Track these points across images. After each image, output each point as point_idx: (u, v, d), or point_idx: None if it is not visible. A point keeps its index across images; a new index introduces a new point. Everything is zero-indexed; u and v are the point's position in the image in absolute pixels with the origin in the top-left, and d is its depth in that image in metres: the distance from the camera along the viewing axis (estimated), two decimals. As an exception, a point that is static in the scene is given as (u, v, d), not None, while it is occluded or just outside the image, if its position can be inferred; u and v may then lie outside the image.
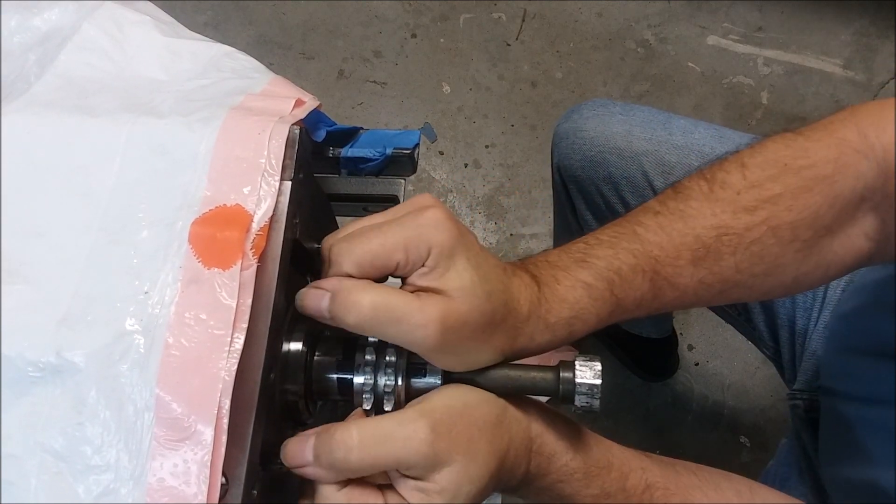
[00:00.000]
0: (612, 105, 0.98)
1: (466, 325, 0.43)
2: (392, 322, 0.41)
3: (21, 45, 0.54)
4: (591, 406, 0.61)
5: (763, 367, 1.54)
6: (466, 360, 0.46)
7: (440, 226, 0.43)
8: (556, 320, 0.49)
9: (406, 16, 1.89)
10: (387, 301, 0.41)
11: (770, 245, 0.51)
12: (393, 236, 0.42)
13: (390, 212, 0.46)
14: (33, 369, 0.41)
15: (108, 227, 0.45)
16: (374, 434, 0.41)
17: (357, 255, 0.43)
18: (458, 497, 0.42)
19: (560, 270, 0.50)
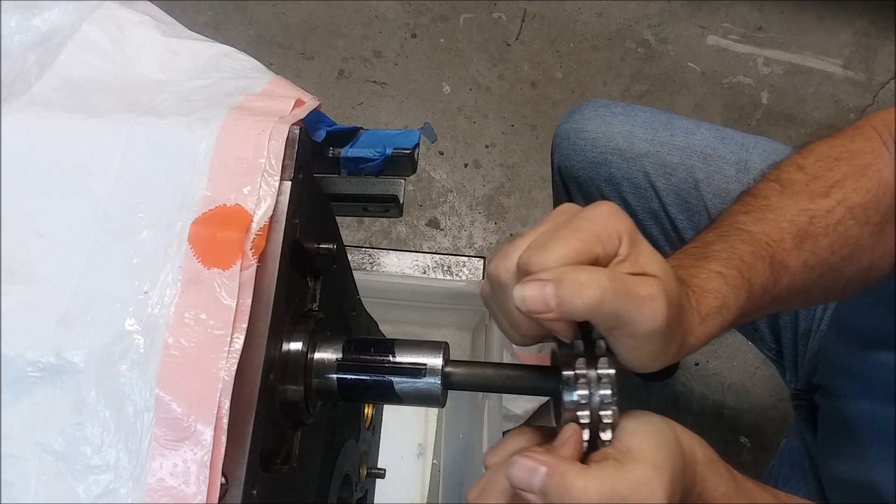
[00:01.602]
0: (613, 106, 0.97)
1: (674, 304, 0.41)
2: (625, 296, 0.38)
3: (21, 45, 0.54)
4: (591, 406, 0.61)
5: (763, 367, 1.54)
6: (666, 352, 0.43)
7: (620, 214, 0.41)
8: (707, 311, 0.48)
9: (406, 16, 1.88)
10: (615, 275, 0.39)
11: (851, 226, 0.56)
12: (586, 232, 0.41)
13: (556, 216, 0.44)
14: (33, 369, 0.41)
15: (108, 227, 0.45)
16: (611, 497, 0.38)
17: (561, 256, 0.40)
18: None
19: (690, 267, 0.51)
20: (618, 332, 0.41)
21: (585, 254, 0.40)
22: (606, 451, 0.42)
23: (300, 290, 0.55)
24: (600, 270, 0.39)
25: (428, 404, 0.57)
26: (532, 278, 0.40)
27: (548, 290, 0.39)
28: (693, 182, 0.89)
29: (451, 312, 1.36)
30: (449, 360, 0.56)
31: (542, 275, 0.40)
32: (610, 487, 0.38)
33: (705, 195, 0.89)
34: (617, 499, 0.38)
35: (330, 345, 0.54)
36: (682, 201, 0.90)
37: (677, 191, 0.90)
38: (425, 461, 1.28)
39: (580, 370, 0.44)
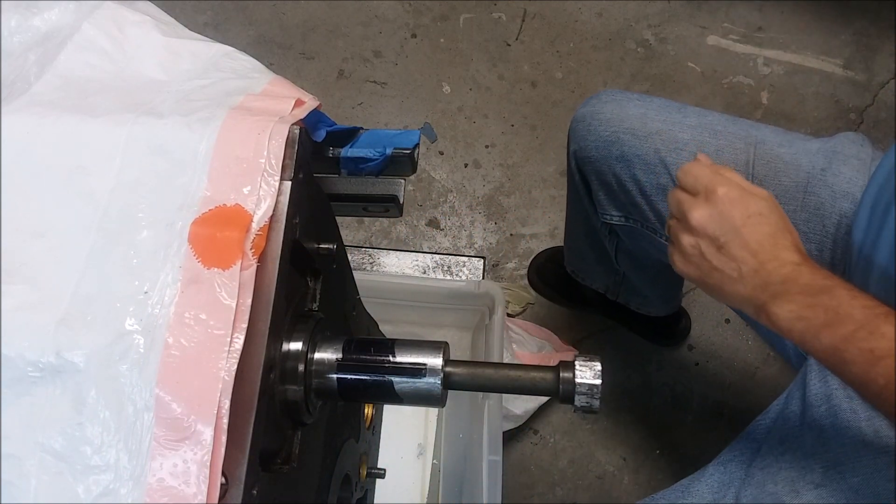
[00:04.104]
0: (629, 94, 1.01)
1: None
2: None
3: (21, 45, 0.54)
4: (591, 406, 0.61)
5: (763, 367, 1.55)
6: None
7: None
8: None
9: (406, 16, 1.88)
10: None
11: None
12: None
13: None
14: (33, 369, 0.41)
15: (108, 227, 0.45)
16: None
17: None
18: None
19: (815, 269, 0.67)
20: None
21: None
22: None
23: (300, 290, 0.55)
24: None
25: (428, 404, 0.57)
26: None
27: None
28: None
29: (451, 312, 1.36)
30: (449, 360, 0.56)
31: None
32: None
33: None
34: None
35: (330, 345, 0.54)
36: None
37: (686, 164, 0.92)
38: (425, 461, 1.28)
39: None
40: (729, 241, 0.66)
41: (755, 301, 0.65)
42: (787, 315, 0.63)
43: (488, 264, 1.60)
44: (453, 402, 1.28)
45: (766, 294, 0.64)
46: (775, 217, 0.67)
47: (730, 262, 0.66)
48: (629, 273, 1.24)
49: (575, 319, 1.58)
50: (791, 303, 0.62)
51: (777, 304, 0.63)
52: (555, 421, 1.49)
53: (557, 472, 1.45)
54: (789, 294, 0.63)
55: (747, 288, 0.66)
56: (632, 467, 1.46)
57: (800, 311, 0.62)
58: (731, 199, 0.67)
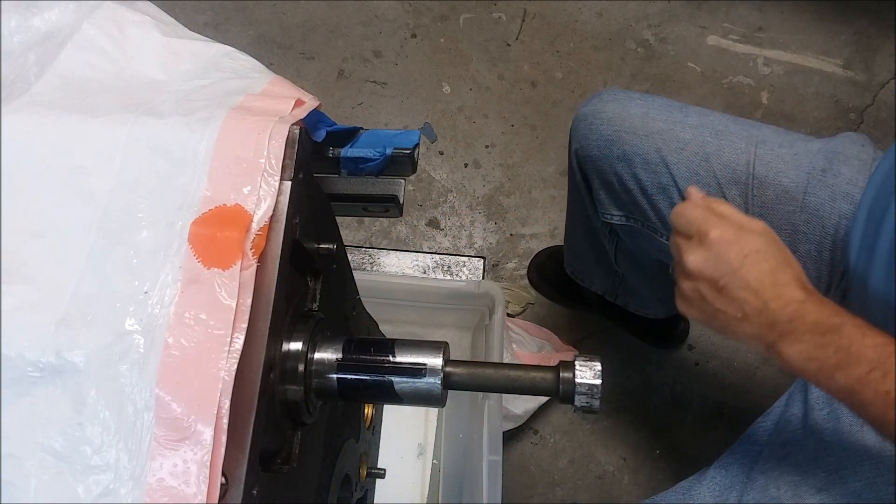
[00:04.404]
0: (631, 93, 1.01)
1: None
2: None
3: (21, 45, 0.54)
4: (591, 406, 0.61)
5: (763, 367, 1.55)
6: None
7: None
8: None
9: (406, 16, 1.88)
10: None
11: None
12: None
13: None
14: (33, 369, 0.41)
15: (108, 227, 0.45)
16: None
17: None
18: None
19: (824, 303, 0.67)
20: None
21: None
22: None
23: (300, 290, 0.55)
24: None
25: (428, 404, 0.57)
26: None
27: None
28: (703, 155, 0.92)
29: (451, 312, 1.36)
30: (449, 360, 0.56)
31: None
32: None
33: (715, 167, 0.91)
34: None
35: (330, 345, 0.54)
36: (693, 174, 0.92)
37: (688, 164, 0.92)
38: (425, 461, 1.28)
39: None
40: (728, 282, 0.65)
41: (764, 340, 0.64)
42: (797, 356, 0.62)
43: (488, 264, 1.60)
44: (453, 402, 1.28)
45: (775, 333, 0.63)
46: (773, 252, 0.66)
47: (732, 304, 0.65)
48: (628, 274, 1.24)
49: (575, 319, 1.58)
50: (800, 343, 0.62)
51: (786, 343, 0.62)
52: (555, 421, 1.48)
53: (557, 472, 1.45)
54: (797, 333, 0.62)
55: (754, 327, 0.65)
56: (632, 467, 1.46)
57: (810, 352, 0.61)
58: (725, 240, 0.66)
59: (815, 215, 0.86)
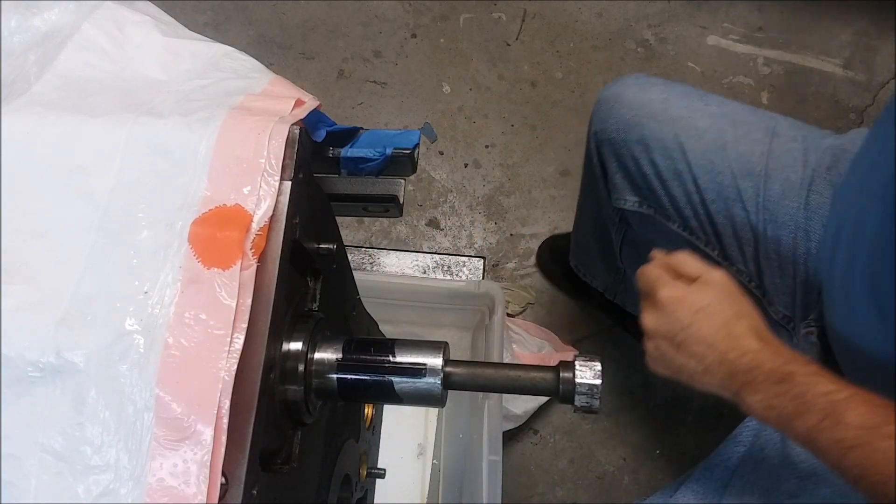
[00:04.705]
0: (654, 78, 1.02)
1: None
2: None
3: (21, 45, 0.54)
4: (591, 406, 0.61)
5: (763, 367, 1.55)
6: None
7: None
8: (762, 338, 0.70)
9: (406, 16, 1.88)
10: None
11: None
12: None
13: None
14: (33, 369, 0.41)
15: (108, 227, 0.45)
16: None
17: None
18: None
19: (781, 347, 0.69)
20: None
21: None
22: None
23: (300, 290, 0.55)
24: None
25: (428, 404, 0.57)
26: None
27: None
28: (721, 144, 0.93)
29: (451, 312, 1.36)
30: (449, 360, 0.56)
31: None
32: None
33: (731, 157, 0.92)
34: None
35: (330, 345, 0.54)
36: (708, 162, 0.93)
37: (704, 152, 0.93)
38: (425, 461, 1.28)
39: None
40: (683, 339, 0.68)
41: (728, 390, 0.67)
42: (758, 405, 0.64)
43: (488, 264, 1.60)
44: (453, 402, 1.28)
45: (736, 383, 0.65)
46: (725, 305, 0.68)
47: (692, 358, 0.68)
48: (630, 271, 1.24)
49: (575, 319, 1.58)
50: (759, 392, 0.64)
51: (747, 393, 0.64)
52: (555, 421, 1.48)
53: (557, 472, 1.45)
54: (756, 383, 0.64)
55: (717, 378, 0.67)
56: (632, 467, 1.46)
57: (769, 401, 0.63)
58: (674, 299, 0.69)
59: (817, 213, 0.87)
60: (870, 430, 0.57)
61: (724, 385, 0.67)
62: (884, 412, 0.58)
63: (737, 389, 0.66)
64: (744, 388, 0.65)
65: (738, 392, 0.65)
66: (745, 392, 0.65)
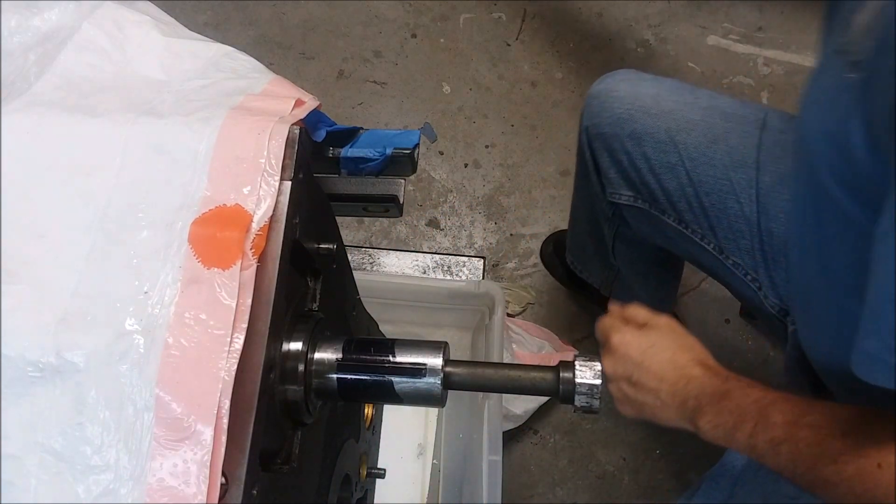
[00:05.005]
0: (643, 74, 1.04)
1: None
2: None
3: (21, 45, 0.54)
4: (591, 406, 0.61)
5: (763, 366, 1.55)
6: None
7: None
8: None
9: (406, 16, 1.88)
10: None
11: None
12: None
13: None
14: (33, 369, 0.41)
15: (108, 227, 0.45)
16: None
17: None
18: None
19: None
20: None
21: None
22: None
23: (300, 290, 0.55)
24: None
25: (428, 404, 0.57)
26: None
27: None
28: (712, 137, 0.94)
29: (451, 312, 1.36)
30: (449, 360, 0.56)
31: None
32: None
33: (723, 150, 0.93)
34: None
35: (330, 345, 0.54)
36: (701, 155, 0.94)
37: (696, 145, 0.94)
38: (425, 461, 1.28)
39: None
40: (638, 377, 0.72)
41: (686, 420, 0.70)
42: (707, 426, 0.67)
43: (488, 264, 1.60)
44: (453, 402, 1.28)
45: (689, 411, 0.69)
46: (669, 342, 0.73)
47: (649, 394, 0.72)
48: (623, 268, 1.25)
49: (575, 319, 1.58)
50: (707, 414, 0.67)
51: (699, 418, 0.68)
52: (555, 421, 1.48)
53: (557, 472, 1.45)
54: (703, 407, 0.68)
55: (673, 411, 0.71)
56: (632, 467, 1.46)
57: (714, 420, 0.66)
58: (624, 342, 0.74)
59: None
60: (792, 423, 0.61)
61: (680, 415, 0.70)
62: (805, 405, 0.62)
63: (690, 416, 0.69)
64: (695, 415, 0.68)
65: (692, 419, 0.69)
66: (696, 418, 0.68)
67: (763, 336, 1.57)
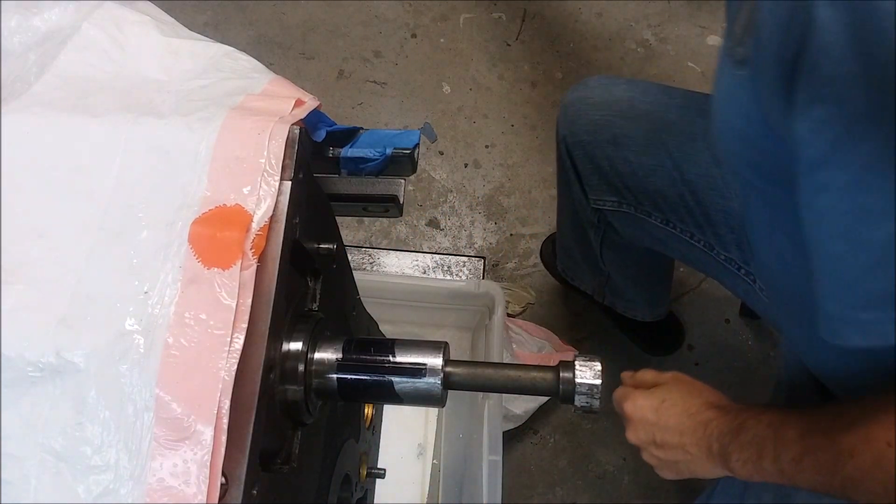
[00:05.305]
0: (616, 78, 1.04)
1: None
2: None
3: (21, 45, 0.54)
4: (591, 406, 0.61)
5: (762, 366, 1.54)
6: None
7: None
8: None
9: (406, 16, 1.89)
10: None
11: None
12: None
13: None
14: (33, 369, 0.41)
15: (108, 227, 0.45)
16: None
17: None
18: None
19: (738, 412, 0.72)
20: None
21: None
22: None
23: (300, 290, 0.55)
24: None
25: (428, 404, 0.57)
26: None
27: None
28: (691, 135, 0.94)
29: (451, 312, 1.36)
30: (449, 360, 0.56)
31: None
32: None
33: (702, 146, 0.93)
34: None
35: (330, 345, 0.54)
36: (681, 153, 0.94)
37: (676, 144, 0.94)
38: (425, 461, 1.28)
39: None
40: (660, 437, 0.73)
41: (720, 466, 0.70)
42: (737, 466, 0.67)
43: (488, 264, 1.60)
44: (453, 402, 1.28)
45: (717, 456, 0.69)
46: (677, 394, 0.74)
47: (677, 450, 0.73)
48: (613, 273, 1.25)
49: (575, 319, 1.58)
50: (732, 453, 0.67)
51: (728, 460, 0.68)
52: (555, 421, 1.48)
53: (557, 472, 1.45)
54: (726, 447, 0.68)
55: (704, 461, 0.71)
56: (632, 467, 1.46)
57: (741, 456, 0.66)
58: (637, 406, 0.76)
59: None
60: (806, 434, 0.61)
61: (712, 461, 0.70)
62: (813, 413, 0.63)
63: (721, 461, 0.69)
64: (723, 457, 0.68)
65: (724, 463, 0.69)
66: (726, 460, 0.68)
67: (763, 335, 1.57)
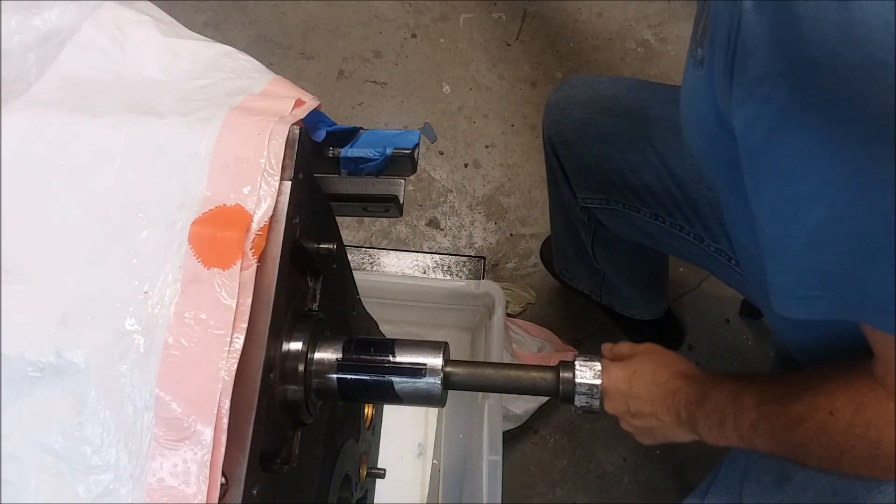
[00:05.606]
0: (598, 77, 1.05)
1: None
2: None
3: (21, 44, 0.54)
4: (591, 406, 0.61)
5: (763, 367, 1.54)
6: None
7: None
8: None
9: (406, 16, 1.88)
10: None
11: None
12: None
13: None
14: (33, 369, 0.41)
15: (108, 227, 0.45)
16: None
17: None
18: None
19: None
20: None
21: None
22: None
23: (300, 290, 0.55)
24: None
25: (428, 404, 0.57)
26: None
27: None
28: (674, 129, 0.94)
29: (451, 312, 1.36)
30: (449, 359, 0.56)
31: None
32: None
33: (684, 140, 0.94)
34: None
35: (330, 345, 0.54)
36: (666, 148, 0.95)
37: (660, 139, 0.95)
38: (425, 461, 1.28)
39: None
40: (634, 406, 0.74)
41: (689, 430, 0.72)
42: (704, 431, 0.69)
43: (488, 264, 1.60)
44: (453, 402, 1.28)
45: (686, 423, 0.71)
46: (648, 365, 0.76)
47: (651, 418, 0.74)
48: (608, 271, 1.25)
49: (575, 319, 1.58)
50: (699, 420, 0.69)
51: (695, 426, 0.70)
52: (555, 421, 1.48)
53: (557, 472, 1.45)
54: (693, 414, 0.70)
55: (675, 427, 0.73)
56: (632, 467, 1.46)
57: (706, 423, 0.68)
58: (612, 378, 0.76)
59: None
60: (761, 402, 0.63)
61: (682, 427, 0.72)
62: (770, 381, 0.65)
63: (690, 427, 0.71)
64: (691, 424, 0.70)
65: (692, 429, 0.71)
66: (694, 426, 0.70)
67: (763, 335, 1.57)
